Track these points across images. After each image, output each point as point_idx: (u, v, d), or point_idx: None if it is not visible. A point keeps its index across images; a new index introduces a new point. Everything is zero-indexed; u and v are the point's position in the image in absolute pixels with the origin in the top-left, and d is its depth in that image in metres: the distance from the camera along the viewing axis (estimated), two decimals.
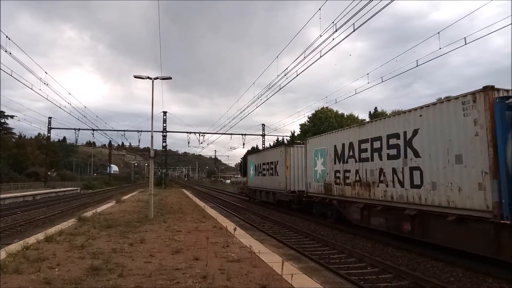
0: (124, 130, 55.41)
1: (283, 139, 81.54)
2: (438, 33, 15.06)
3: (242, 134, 58.89)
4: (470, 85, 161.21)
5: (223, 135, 56.79)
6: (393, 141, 12.98)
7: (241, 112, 38.93)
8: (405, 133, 12.31)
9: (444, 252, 10.70)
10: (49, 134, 58.35)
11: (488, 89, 9.26)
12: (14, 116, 58.92)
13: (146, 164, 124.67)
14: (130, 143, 69.78)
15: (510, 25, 12.17)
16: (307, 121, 71.86)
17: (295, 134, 75.54)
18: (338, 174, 17.02)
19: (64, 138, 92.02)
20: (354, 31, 14.28)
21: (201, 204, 24.84)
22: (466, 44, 14.02)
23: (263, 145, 66.13)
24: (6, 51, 21.20)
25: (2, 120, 62.83)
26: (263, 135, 63.02)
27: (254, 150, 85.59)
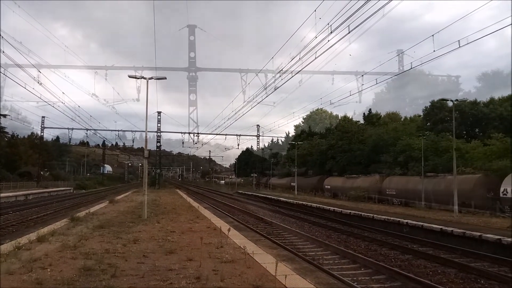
0: (118, 130, 55.17)
1: (277, 140, 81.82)
2: (433, 35, 15.21)
3: (237, 135, 58.80)
4: (462, 87, 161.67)
5: (218, 135, 56.74)
6: None
7: (236, 113, 38.90)
8: None
9: (438, 252, 10.77)
10: (42, 134, 57.90)
11: None
12: (6, 115, 58.03)
13: (140, 164, 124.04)
14: (124, 143, 69.09)
15: (503, 28, 12.29)
16: (301, 122, 72.26)
17: (290, 135, 75.90)
18: None
19: (57, 137, 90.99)
20: (349, 32, 14.39)
21: (195, 204, 24.76)
22: (460, 47, 14.15)
23: (258, 146, 66.21)
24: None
25: None
26: (258, 136, 63.05)
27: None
